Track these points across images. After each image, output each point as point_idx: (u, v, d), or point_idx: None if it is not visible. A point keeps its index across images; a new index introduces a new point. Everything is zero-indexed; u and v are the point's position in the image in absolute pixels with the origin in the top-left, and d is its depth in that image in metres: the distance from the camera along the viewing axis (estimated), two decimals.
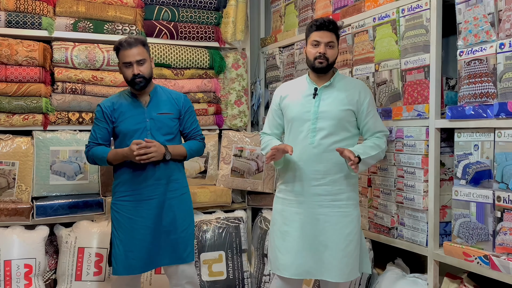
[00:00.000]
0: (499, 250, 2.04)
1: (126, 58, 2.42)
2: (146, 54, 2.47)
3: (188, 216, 2.57)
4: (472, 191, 2.15)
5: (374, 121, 2.36)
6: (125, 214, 2.47)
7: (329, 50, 2.30)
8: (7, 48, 3.07)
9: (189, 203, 2.61)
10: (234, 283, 3.35)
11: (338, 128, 2.31)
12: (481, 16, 2.10)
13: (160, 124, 2.50)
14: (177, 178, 2.55)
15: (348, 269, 2.28)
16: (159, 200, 2.48)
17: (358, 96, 2.34)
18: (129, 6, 3.47)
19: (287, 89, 2.48)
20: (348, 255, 2.28)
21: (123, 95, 2.56)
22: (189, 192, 2.64)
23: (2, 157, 3.05)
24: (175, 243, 2.50)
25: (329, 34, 2.31)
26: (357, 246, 2.33)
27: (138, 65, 2.42)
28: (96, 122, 2.54)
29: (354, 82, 2.43)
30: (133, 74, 2.42)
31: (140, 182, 2.46)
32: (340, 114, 2.31)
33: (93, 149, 2.52)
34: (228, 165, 3.59)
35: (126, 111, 2.49)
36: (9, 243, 2.90)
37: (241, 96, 3.78)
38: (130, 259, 2.43)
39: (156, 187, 2.47)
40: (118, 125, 2.50)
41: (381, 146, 2.33)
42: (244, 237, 3.43)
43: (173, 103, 2.57)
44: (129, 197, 2.48)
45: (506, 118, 1.98)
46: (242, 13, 3.74)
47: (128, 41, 2.42)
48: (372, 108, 2.36)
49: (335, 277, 2.27)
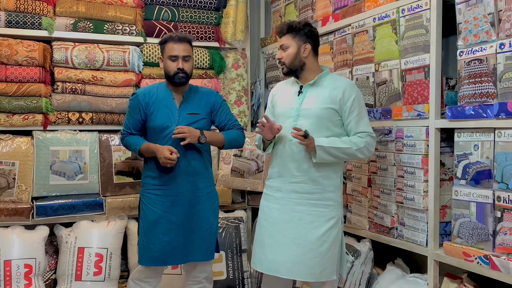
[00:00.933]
0: (499, 250, 2.04)
1: (174, 51, 2.46)
2: (192, 52, 2.54)
3: (213, 215, 2.60)
4: (472, 191, 2.15)
5: (357, 120, 2.30)
6: (151, 207, 2.51)
7: (283, 53, 2.34)
8: (7, 48, 3.07)
9: (215, 201, 2.63)
10: (234, 283, 3.35)
11: (319, 126, 2.29)
12: (481, 16, 2.10)
13: (188, 124, 2.50)
14: (205, 175, 2.57)
15: (319, 269, 2.24)
16: (186, 196, 2.50)
17: (341, 95, 2.29)
18: (129, 6, 3.47)
19: (279, 88, 2.52)
20: (320, 256, 2.25)
21: (161, 89, 2.58)
22: (215, 190, 2.66)
23: (2, 157, 3.05)
24: (199, 241, 2.53)
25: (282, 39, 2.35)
26: (333, 248, 2.28)
27: (183, 61, 2.47)
28: (130, 111, 2.57)
29: (341, 81, 2.38)
30: (177, 68, 2.46)
31: (170, 177, 2.49)
32: (320, 112, 2.29)
33: (127, 138, 2.56)
34: (228, 165, 3.59)
35: (160, 108, 2.52)
36: (9, 243, 2.90)
37: (241, 96, 3.78)
38: (153, 251, 2.47)
39: (184, 184, 2.50)
40: (149, 120, 2.53)
41: (357, 144, 2.26)
42: (244, 237, 3.43)
43: (204, 102, 2.59)
44: (157, 191, 2.52)
45: (506, 118, 1.98)
46: (242, 13, 3.74)
47: (179, 36, 2.48)
48: (356, 108, 2.30)
49: (304, 277, 2.26)
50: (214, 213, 2.61)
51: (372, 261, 2.80)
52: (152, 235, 2.49)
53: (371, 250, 2.80)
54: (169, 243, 2.49)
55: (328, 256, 2.27)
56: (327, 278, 2.27)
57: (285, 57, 2.34)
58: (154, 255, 2.48)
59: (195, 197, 2.53)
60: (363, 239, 2.86)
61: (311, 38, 2.35)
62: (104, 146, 3.30)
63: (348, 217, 2.99)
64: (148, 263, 2.51)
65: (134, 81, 3.42)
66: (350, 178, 2.96)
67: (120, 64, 3.37)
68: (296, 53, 2.33)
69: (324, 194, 2.30)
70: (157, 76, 3.50)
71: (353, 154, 2.27)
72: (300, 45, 2.33)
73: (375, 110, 2.73)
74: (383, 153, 2.67)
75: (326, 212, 2.29)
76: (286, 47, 2.34)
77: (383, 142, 2.67)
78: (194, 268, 2.63)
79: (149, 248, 2.49)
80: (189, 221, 2.51)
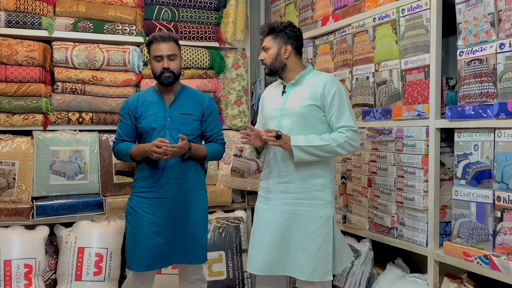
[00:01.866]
0: (499, 250, 2.04)
1: (158, 51, 2.46)
2: (178, 51, 2.52)
3: (200, 219, 2.57)
4: (472, 191, 2.15)
5: (338, 115, 2.26)
6: (138, 210, 2.50)
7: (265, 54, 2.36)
8: (7, 48, 3.07)
9: (204, 205, 2.61)
10: (234, 283, 3.35)
11: (303, 125, 2.28)
12: (481, 16, 2.10)
13: (180, 124, 2.50)
14: (192, 179, 2.55)
15: (309, 268, 2.23)
16: (173, 199, 2.49)
17: (322, 90, 2.27)
18: (129, 6, 3.47)
19: (267, 91, 2.53)
20: (309, 255, 2.24)
21: (150, 92, 2.59)
22: (206, 194, 2.64)
23: (2, 157, 3.05)
24: (184, 244, 2.51)
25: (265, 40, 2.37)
26: (324, 247, 2.25)
27: (168, 60, 2.45)
28: (121, 118, 2.58)
29: (322, 76, 2.35)
30: (162, 68, 2.45)
31: (156, 180, 2.48)
32: (303, 110, 2.28)
33: (118, 145, 2.55)
34: (228, 165, 3.59)
35: (149, 109, 2.52)
36: (9, 243, 2.90)
37: (241, 96, 3.78)
38: (137, 255, 2.46)
39: (170, 186, 2.49)
40: (140, 122, 2.52)
41: (337, 140, 2.21)
42: (244, 237, 3.43)
43: (197, 104, 2.58)
44: (144, 193, 2.51)
45: (506, 118, 1.98)
46: (242, 13, 3.74)
47: (161, 36, 2.47)
48: (337, 102, 2.26)
49: (295, 274, 2.26)
50: (203, 217, 2.59)
51: (372, 261, 2.80)
52: (138, 238, 2.47)
53: (371, 250, 2.80)
54: (154, 246, 2.46)
55: (319, 255, 2.24)
56: (320, 279, 2.24)
57: (267, 58, 2.36)
58: (139, 259, 2.45)
59: (182, 200, 2.51)
60: (363, 239, 2.86)
61: (292, 39, 2.35)
62: (104, 146, 3.30)
63: (348, 217, 2.99)
64: (135, 268, 2.48)
65: (134, 81, 3.42)
66: (350, 178, 2.96)
67: (120, 64, 3.37)
68: (277, 54, 2.34)
69: (311, 193, 2.29)
70: None
71: (333, 150, 2.22)
72: (281, 46, 2.34)
73: (375, 110, 2.73)
74: (383, 153, 2.67)
75: (313, 211, 2.28)
76: (267, 48, 2.36)
77: (383, 142, 2.67)
78: (185, 271, 2.63)
79: (134, 252, 2.46)
80: (175, 224, 2.49)
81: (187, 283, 2.65)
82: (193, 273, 2.63)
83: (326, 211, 2.30)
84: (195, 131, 2.56)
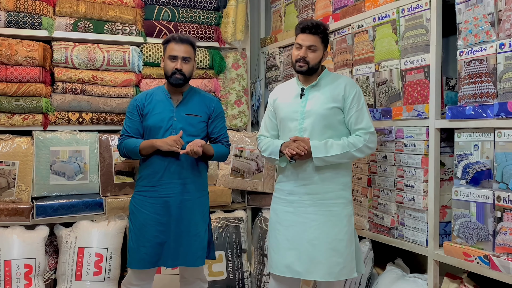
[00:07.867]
0: (499, 250, 2.04)
1: (174, 51, 2.48)
2: (193, 55, 2.54)
3: (202, 221, 2.57)
4: (472, 191, 2.15)
5: (357, 116, 2.32)
6: (141, 209, 2.51)
7: (311, 53, 2.31)
8: (7, 48, 3.07)
9: (205, 207, 2.61)
10: (234, 283, 3.35)
11: (325, 127, 2.32)
12: (481, 16, 2.10)
13: (185, 124, 2.51)
14: (197, 179, 2.56)
15: (338, 268, 2.26)
16: (175, 199, 2.49)
17: (343, 92, 2.33)
18: (129, 6, 3.47)
19: (278, 91, 2.53)
20: (337, 255, 2.27)
21: (158, 91, 2.60)
22: (207, 195, 2.64)
23: (2, 157, 3.05)
24: (186, 246, 2.51)
25: (311, 38, 2.32)
26: (349, 245, 2.31)
27: (182, 62, 2.47)
28: (129, 115, 2.59)
29: (340, 78, 2.41)
30: (175, 68, 2.47)
31: (159, 179, 2.49)
32: (325, 112, 2.32)
33: (126, 141, 2.55)
34: (228, 165, 3.59)
35: (156, 107, 2.53)
36: (9, 243, 2.90)
37: (241, 96, 3.78)
38: (142, 253, 2.47)
39: (173, 186, 2.49)
40: (146, 120, 2.53)
41: (355, 145, 2.29)
42: (244, 237, 3.43)
43: (204, 106, 2.60)
44: (147, 192, 2.52)
45: (506, 118, 1.98)
46: (242, 13, 3.74)
47: (180, 37, 2.50)
48: (356, 104, 2.33)
49: (323, 276, 2.27)
50: (203, 218, 2.59)
51: (372, 261, 2.80)
52: (143, 238, 2.48)
53: (371, 250, 2.80)
54: (160, 244, 2.48)
55: (346, 254, 2.29)
56: (347, 276, 2.30)
57: (313, 58, 2.33)
58: (145, 257, 2.46)
59: (184, 200, 2.51)
60: (363, 239, 2.86)
61: (327, 45, 2.40)
62: (104, 146, 3.30)
63: None
64: (138, 266, 2.48)
65: (134, 81, 3.42)
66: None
67: (120, 64, 3.37)
68: (321, 58, 2.37)
69: (335, 193, 2.33)
70: (157, 76, 3.50)
71: (352, 156, 2.31)
72: (324, 50, 2.37)
73: (375, 110, 2.73)
74: (383, 153, 2.67)
75: (337, 211, 2.32)
76: (316, 49, 2.33)
77: (383, 142, 2.67)
78: (185, 272, 2.64)
79: (139, 251, 2.47)
80: (178, 224, 2.50)
81: (188, 283, 2.66)
82: (194, 273, 2.63)
83: (349, 209, 2.36)
84: (201, 132, 2.57)
